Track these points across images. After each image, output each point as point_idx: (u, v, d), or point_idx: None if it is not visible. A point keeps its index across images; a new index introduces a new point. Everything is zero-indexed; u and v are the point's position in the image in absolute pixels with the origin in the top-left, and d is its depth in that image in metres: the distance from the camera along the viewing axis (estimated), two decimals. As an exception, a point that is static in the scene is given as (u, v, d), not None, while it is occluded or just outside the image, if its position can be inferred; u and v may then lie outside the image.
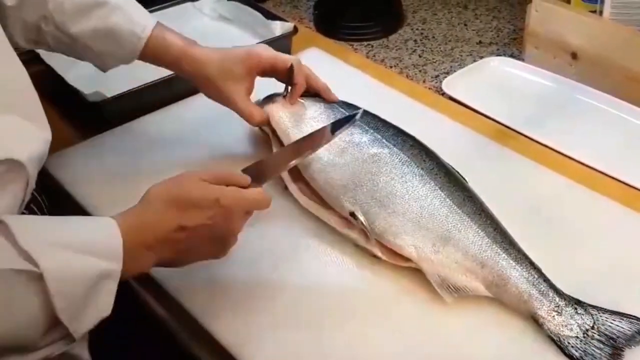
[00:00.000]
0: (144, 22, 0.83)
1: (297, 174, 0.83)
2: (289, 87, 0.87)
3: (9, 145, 0.60)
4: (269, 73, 0.87)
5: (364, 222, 0.75)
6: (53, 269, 0.53)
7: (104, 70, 0.87)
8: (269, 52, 0.85)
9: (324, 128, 0.80)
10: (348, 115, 0.82)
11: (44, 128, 0.67)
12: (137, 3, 0.85)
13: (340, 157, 0.80)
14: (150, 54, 0.84)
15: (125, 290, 0.77)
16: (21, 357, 0.55)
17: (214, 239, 0.66)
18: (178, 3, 1.28)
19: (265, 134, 0.90)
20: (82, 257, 0.56)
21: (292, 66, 0.85)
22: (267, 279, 0.75)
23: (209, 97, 0.87)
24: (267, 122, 0.87)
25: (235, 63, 0.83)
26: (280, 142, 0.86)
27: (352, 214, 0.76)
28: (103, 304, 0.57)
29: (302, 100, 0.88)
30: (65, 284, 0.54)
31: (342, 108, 0.87)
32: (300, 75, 0.86)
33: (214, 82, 0.83)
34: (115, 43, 0.82)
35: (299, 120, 0.86)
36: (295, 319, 0.71)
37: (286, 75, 0.86)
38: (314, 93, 0.89)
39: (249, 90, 0.85)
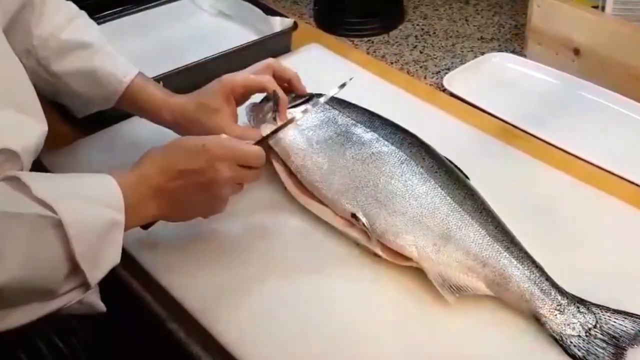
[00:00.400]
0: (127, 68, 0.85)
1: (297, 180, 0.82)
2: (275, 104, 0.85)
3: (5, 136, 0.62)
4: (247, 95, 0.86)
5: (365, 224, 0.74)
6: (70, 216, 0.57)
7: (79, 116, 0.88)
8: (240, 77, 0.84)
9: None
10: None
11: (40, 120, 0.68)
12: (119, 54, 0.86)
13: (340, 159, 0.79)
14: (130, 99, 0.84)
15: (125, 290, 0.77)
16: (42, 304, 0.58)
17: (204, 186, 0.69)
18: (177, -1, 1.28)
19: None
20: (93, 206, 0.60)
21: (274, 92, 0.84)
22: (267, 279, 0.75)
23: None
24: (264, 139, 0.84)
25: (211, 96, 0.83)
26: (281, 160, 0.85)
27: (354, 216, 0.75)
28: (113, 252, 0.61)
29: (291, 112, 0.85)
30: (81, 229, 0.58)
31: (335, 108, 0.86)
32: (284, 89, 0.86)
33: (197, 121, 0.82)
34: (95, 84, 0.83)
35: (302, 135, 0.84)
36: (293, 318, 0.70)
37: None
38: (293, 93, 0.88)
39: (234, 117, 0.85)
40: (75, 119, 0.92)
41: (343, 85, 0.82)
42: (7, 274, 0.54)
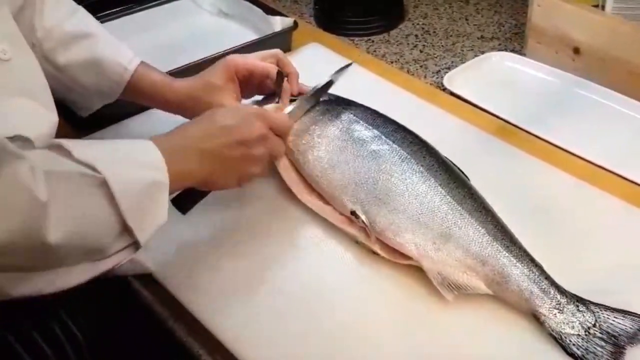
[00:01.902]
0: (130, 55, 0.85)
1: (297, 174, 0.82)
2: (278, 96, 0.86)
3: (20, 123, 0.63)
4: (250, 79, 0.87)
5: (365, 221, 0.74)
6: (113, 175, 0.58)
7: (84, 114, 0.89)
8: (245, 58, 0.86)
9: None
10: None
11: (52, 111, 0.69)
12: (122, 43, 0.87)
13: (340, 156, 0.79)
14: (136, 87, 0.85)
15: (125, 289, 0.77)
16: (95, 264, 0.59)
17: (242, 143, 0.71)
18: (178, -1, 1.28)
19: None
20: (135, 167, 0.61)
21: (278, 73, 0.85)
22: (266, 277, 0.75)
23: None
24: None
25: (214, 74, 0.84)
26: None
27: (354, 213, 0.75)
28: (160, 212, 0.62)
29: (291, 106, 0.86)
30: (125, 189, 0.58)
31: (338, 105, 0.86)
32: (292, 80, 0.87)
33: (200, 100, 0.84)
34: (101, 74, 0.83)
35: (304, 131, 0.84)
36: (293, 317, 0.71)
37: (273, 83, 0.86)
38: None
39: (237, 96, 0.86)
40: (76, 119, 0.92)
41: (341, 70, 0.83)
42: (60, 232, 0.54)
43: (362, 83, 1.04)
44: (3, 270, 0.53)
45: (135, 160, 0.62)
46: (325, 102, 0.86)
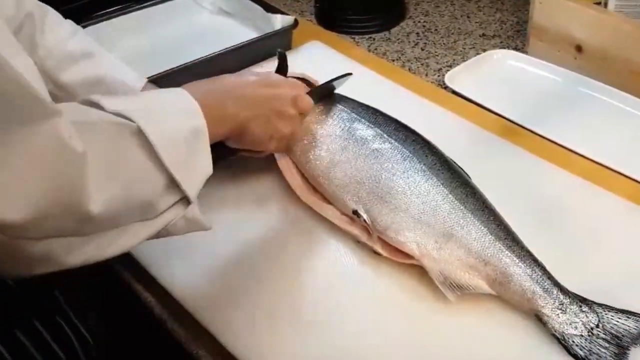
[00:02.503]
0: (135, 74, 0.84)
1: (299, 173, 0.82)
2: None
3: None
4: None
5: (367, 220, 0.74)
6: (148, 124, 0.55)
7: None
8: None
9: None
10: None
11: None
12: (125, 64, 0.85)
13: (342, 155, 0.79)
14: None
15: (125, 290, 0.77)
16: (148, 223, 0.57)
17: (274, 97, 0.72)
18: (178, -3, 1.27)
19: None
20: (171, 116, 0.58)
21: (279, 52, 0.85)
22: (267, 277, 0.75)
23: None
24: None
25: None
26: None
27: (355, 212, 0.75)
28: (204, 161, 0.60)
29: None
30: (163, 137, 0.55)
31: (339, 104, 0.85)
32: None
33: None
34: (106, 93, 0.81)
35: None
36: (294, 317, 0.70)
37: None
38: None
39: None
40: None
41: (339, 78, 0.83)
42: (103, 187, 0.50)
43: (363, 81, 1.04)
44: (54, 236, 0.50)
45: (169, 109, 0.60)
46: (326, 101, 0.85)
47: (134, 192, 0.54)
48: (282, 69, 0.85)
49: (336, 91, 0.88)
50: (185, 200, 0.59)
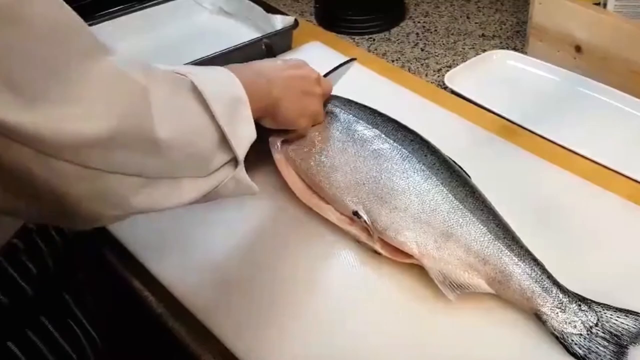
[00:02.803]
0: None
1: (298, 176, 0.82)
2: None
3: None
4: None
5: (367, 221, 0.74)
6: (201, 82, 0.58)
7: None
8: None
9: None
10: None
11: None
12: None
13: (342, 157, 0.79)
14: None
15: (126, 289, 0.77)
16: (200, 180, 0.59)
17: (303, 77, 0.77)
18: (178, -3, 1.28)
19: None
20: (217, 82, 0.61)
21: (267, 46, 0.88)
22: (265, 278, 0.75)
23: None
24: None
25: None
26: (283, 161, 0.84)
27: (356, 213, 0.75)
28: (248, 128, 0.63)
29: None
30: (215, 97, 0.58)
31: (337, 106, 0.85)
32: None
33: None
34: None
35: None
36: (294, 317, 0.70)
37: None
38: None
39: None
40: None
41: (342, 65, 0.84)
42: (165, 125, 0.52)
43: (363, 81, 1.04)
44: (121, 171, 0.51)
45: (213, 77, 0.62)
46: (324, 105, 0.85)
47: (192, 141, 0.57)
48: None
49: (337, 91, 0.88)
50: (233, 161, 0.62)
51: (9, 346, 0.64)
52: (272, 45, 0.88)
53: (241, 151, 0.62)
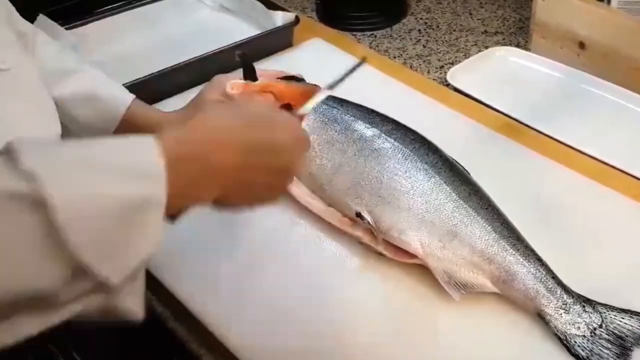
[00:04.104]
0: (124, 91, 0.84)
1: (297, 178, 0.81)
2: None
3: (22, 131, 0.61)
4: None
5: (370, 222, 0.73)
6: (64, 194, 0.42)
7: None
8: (229, 77, 0.83)
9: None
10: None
11: (55, 120, 0.68)
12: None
13: (342, 159, 0.78)
14: (130, 121, 0.83)
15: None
16: (43, 315, 0.44)
17: (266, 169, 0.56)
18: (179, -6, 1.27)
19: None
20: (109, 180, 0.44)
21: (242, 54, 0.82)
22: (267, 279, 0.74)
23: None
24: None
25: (207, 94, 0.82)
26: None
27: (359, 215, 0.74)
28: (144, 241, 0.46)
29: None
30: (83, 213, 0.42)
31: (334, 107, 0.84)
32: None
33: None
34: (96, 108, 0.81)
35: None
36: (295, 318, 0.70)
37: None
38: None
39: None
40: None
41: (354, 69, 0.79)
42: None
43: (365, 79, 1.02)
44: None
45: (117, 167, 0.45)
46: (321, 107, 0.83)
47: (14, 280, 0.42)
48: (249, 73, 0.81)
49: (335, 92, 0.87)
50: (104, 285, 0.44)
51: None
52: (248, 57, 0.82)
53: (119, 276, 0.45)
